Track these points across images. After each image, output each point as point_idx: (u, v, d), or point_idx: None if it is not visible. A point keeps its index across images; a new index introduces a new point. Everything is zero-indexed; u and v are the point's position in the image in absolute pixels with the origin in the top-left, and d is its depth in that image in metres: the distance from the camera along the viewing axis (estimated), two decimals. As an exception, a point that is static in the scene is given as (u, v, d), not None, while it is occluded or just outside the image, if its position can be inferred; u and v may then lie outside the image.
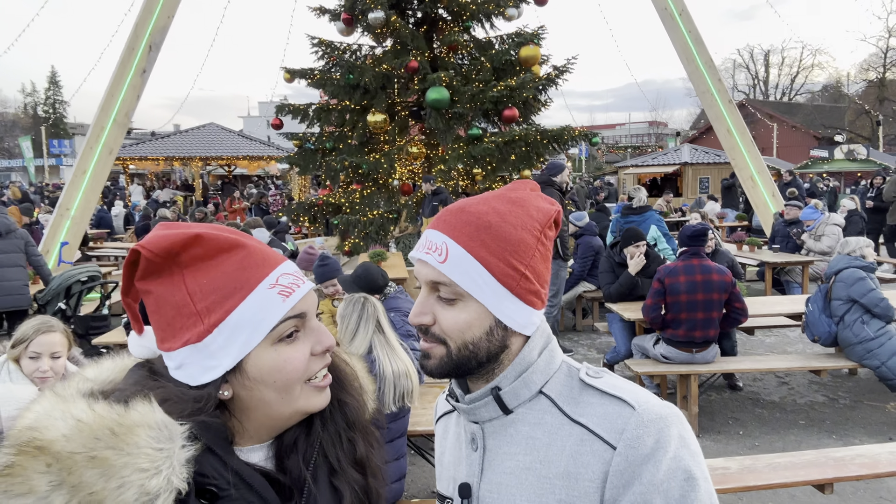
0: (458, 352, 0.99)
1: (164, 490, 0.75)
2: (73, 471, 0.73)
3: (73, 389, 0.86)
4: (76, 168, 10.29)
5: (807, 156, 28.84)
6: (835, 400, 5.73)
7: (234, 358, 0.87)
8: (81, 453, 0.74)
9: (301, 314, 0.91)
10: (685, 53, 11.90)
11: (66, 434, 0.75)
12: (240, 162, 24.66)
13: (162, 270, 0.87)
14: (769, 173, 12.14)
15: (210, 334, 0.86)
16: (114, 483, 0.73)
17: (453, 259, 0.97)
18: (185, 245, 0.86)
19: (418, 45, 11.21)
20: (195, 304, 0.86)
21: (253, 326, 0.87)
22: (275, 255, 0.94)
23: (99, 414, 0.77)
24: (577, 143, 11.90)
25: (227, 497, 0.84)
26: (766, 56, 52.15)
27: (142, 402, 0.80)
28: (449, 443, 1.15)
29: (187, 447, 0.80)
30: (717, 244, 6.68)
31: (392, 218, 11.14)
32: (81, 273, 7.13)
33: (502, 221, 0.99)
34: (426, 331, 1.00)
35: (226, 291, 0.87)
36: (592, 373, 1.02)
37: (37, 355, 2.73)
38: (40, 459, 0.73)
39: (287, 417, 0.93)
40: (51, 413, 0.78)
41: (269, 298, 0.88)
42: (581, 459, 0.93)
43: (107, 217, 16.83)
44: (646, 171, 26.97)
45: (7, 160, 46.12)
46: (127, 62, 10.33)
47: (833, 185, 22.67)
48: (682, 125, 58.70)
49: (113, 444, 0.75)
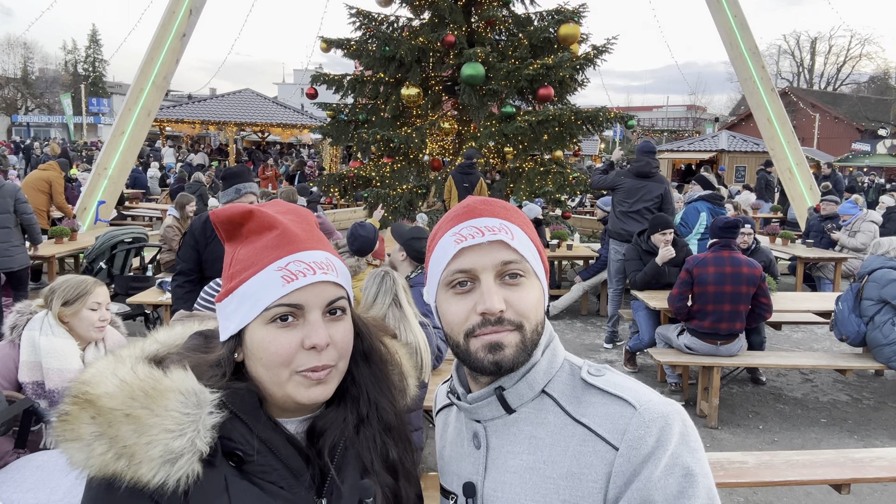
0: (532, 335, 0.99)
1: (187, 450, 0.83)
2: (112, 424, 0.82)
3: (137, 350, 0.95)
4: (115, 129, 10.47)
5: (848, 148, 28.10)
6: (858, 400, 5.66)
7: (237, 325, 0.95)
8: (119, 410, 0.83)
9: (296, 305, 0.93)
10: (729, 38, 11.60)
11: (109, 392, 0.84)
12: (273, 129, 24.85)
13: (230, 236, 0.99)
14: (808, 165, 11.87)
15: (227, 297, 0.96)
16: (144, 439, 0.82)
17: (518, 237, 1.00)
18: (242, 218, 0.97)
19: (456, 19, 11.10)
20: (230, 269, 0.97)
21: (253, 301, 0.93)
22: (301, 241, 0.97)
23: (139, 377, 0.86)
24: (612, 125, 11.74)
25: (252, 462, 0.91)
26: (812, 43, 50.60)
27: (178, 370, 0.89)
28: (449, 437, 1.15)
29: (214, 414, 0.87)
30: (757, 241, 6.55)
31: (421, 193, 11.16)
32: (126, 233, 7.19)
33: (520, 211, 1.07)
34: (499, 320, 0.97)
35: (247, 264, 0.95)
36: (594, 371, 1.02)
37: (98, 306, 2.84)
38: (87, 411, 0.83)
39: (282, 400, 0.95)
40: (103, 371, 0.87)
41: (272, 280, 0.93)
42: (584, 460, 0.94)
43: (141, 178, 17.11)
44: (681, 156, 26.47)
45: (48, 116, 47.04)
46: (167, 25, 10.41)
47: (878, 182, 21.99)
48: (721, 111, 57.45)
49: (146, 404, 0.84)
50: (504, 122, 10.80)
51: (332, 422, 1.00)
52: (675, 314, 5.27)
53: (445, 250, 1.01)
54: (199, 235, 3.96)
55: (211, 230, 3.95)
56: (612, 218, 6.94)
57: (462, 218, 1.02)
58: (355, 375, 1.05)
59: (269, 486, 0.92)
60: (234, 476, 0.89)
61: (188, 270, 3.96)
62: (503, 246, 0.99)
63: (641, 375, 6.15)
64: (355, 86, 12.01)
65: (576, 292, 8.10)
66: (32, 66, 53.45)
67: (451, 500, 1.09)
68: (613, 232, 6.88)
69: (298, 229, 0.98)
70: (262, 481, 0.91)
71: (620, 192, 6.79)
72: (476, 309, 0.97)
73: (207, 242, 3.94)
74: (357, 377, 1.05)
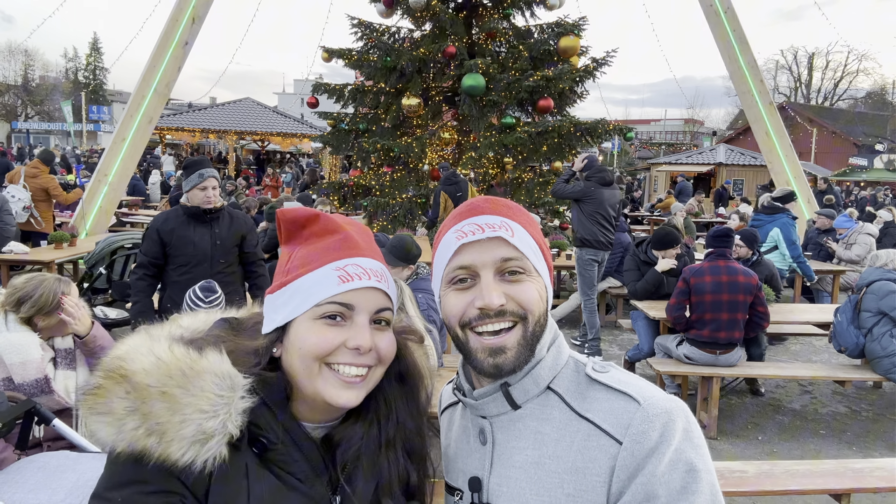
0: (534, 327, 1.01)
1: (218, 432, 0.85)
2: (146, 400, 0.84)
3: (166, 332, 0.97)
4: (115, 135, 10.48)
5: (845, 163, 28.23)
6: (857, 412, 5.66)
7: (284, 317, 0.97)
8: (155, 387, 0.84)
9: (348, 304, 0.96)
10: (728, 52, 11.69)
11: (146, 368, 0.86)
12: (273, 138, 24.89)
13: (291, 236, 1.03)
14: (806, 179, 11.92)
15: (279, 290, 0.99)
16: (177, 418, 0.84)
17: (519, 235, 1.02)
18: (307, 220, 1.02)
19: (457, 31, 11.17)
20: (287, 264, 1.01)
21: (305, 296, 0.96)
22: (361, 248, 1.01)
23: (176, 356, 0.88)
24: (610, 136, 11.79)
25: (274, 450, 0.92)
26: (810, 59, 50.95)
27: (214, 352, 0.91)
28: (454, 434, 1.16)
29: (246, 399, 0.89)
30: (759, 253, 6.57)
31: (420, 202, 11.18)
32: (126, 239, 7.18)
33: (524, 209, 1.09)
34: (500, 312, 0.99)
35: (305, 261, 0.99)
36: (599, 367, 1.04)
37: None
38: (122, 386, 0.85)
39: (311, 396, 0.96)
40: (139, 348, 0.89)
41: (328, 278, 0.96)
42: (588, 454, 0.95)
43: (140, 185, 17.11)
44: (679, 168, 26.58)
45: (47, 123, 47.06)
46: (170, 34, 10.46)
47: (863, 196, 22.03)
48: (718, 124, 57.70)
49: (182, 384, 0.86)
50: (504, 133, 10.84)
51: (349, 437, 1.01)
52: (672, 324, 5.28)
53: (448, 246, 1.04)
54: (161, 229, 4.07)
55: (172, 225, 4.08)
56: (584, 227, 6.82)
57: (465, 215, 1.04)
58: (387, 394, 1.06)
59: (287, 477, 0.93)
60: (254, 464, 0.91)
61: (148, 264, 4.08)
62: (503, 243, 1.00)
63: (640, 386, 6.14)
64: (356, 95, 12.05)
65: (574, 301, 8.10)
66: (33, 74, 53.59)
67: (456, 496, 1.09)
68: (591, 241, 6.78)
69: (359, 238, 1.02)
70: (281, 472, 0.92)
71: (593, 202, 6.78)
72: (474, 303, 0.99)
73: (171, 237, 4.08)
74: (389, 396, 1.06)
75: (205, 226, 4.11)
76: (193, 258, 4.05)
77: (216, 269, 4.09)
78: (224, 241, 4.14)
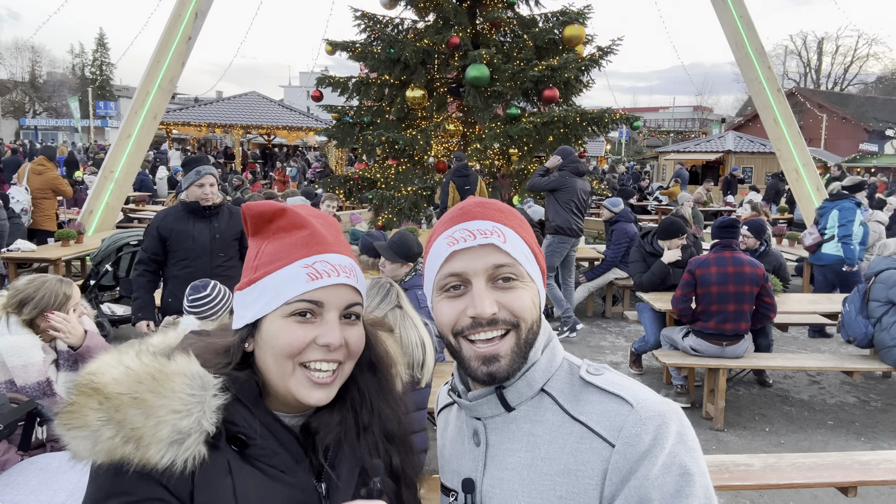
0: (527, 335, 1.00)
1: (194, 430, 0.86)
2: (120, 409, 0.84)
3: (135, 348, 0.98)
4: (121, 132, 10.51)
5: (855, 149, 27.96)
6: (866, 402, 5.62)
7: (254, 314, 0.97)
8: (127, 394, 0.85)
9: (318, 302, 0.97)
10: (735, 38, 11.55)
11: (116, 378, 0.87)
12: (279, 132, 24.92)
13: (258, 230, 1.03)
14: (815, 166, 11.80)
15: (248, 287, 0.99)
16: (152, 421, 0.84)
17: (511, 240, 1.01)
18: (274, 214, 1.01)
19: (461, 21, 11.11)
20: (255, 261, 1.01)
21: (274, 293, 0.96)
22: (329, 243, 1.01)
23: (144, 363, 0.89)
24: (617, 126, 11.71)
25: (254, 445, 0.93)
26: (819, 44, 50.37)
27: (182, 355, 0.92)
28: (449, 435, 1.16)
29: (219, 396, 0.90)
30: (767, 244, 6.51)
31: (426, 195, 11.16)
32: (132, 236, 7.20)
33: (516, 212, 1.07)
34: (493, 321, 0.97)
35: (273, 258, 0.99)
36: (593, 370, 1.03)
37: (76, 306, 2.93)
38: (94, 398, 0.85)
39: (283, 394, 0.98)
40: (108, 361, 0.90)
41: (297, 275, 0.96)
42: (581, 457, 0.94)
43: (147, 181, 17.18)
44: (688, 157, 26.40)
45: (55, 119, 47.29)
46: (173, 29, 10.45)
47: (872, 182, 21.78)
48: (727, 111, 57.25)
49: (153, 388, 0.86)
50: (509, 124, 10.79)
51: (325, 423, 1.02)
52: (678, 316, 5.25)
53: (439, 253, 1.02)
54: (161, 225, 4.16)
55: (172, 220, 4.17)
56: (559, 215, 7.19)
57: (456, 220, 1.03)
58: (360, 383, 1.07)
59: (270, 469, 0.94)
60: (237, 460, 0.92)
61: (148, 260, 4.18)
62: (495, 249, 0.99)
63: (647, 377, 6.13)
64: (360, 88, 12.03)
65: (581, 293, 8.08)
66: (40, 70, 53.84)
67: (451, 497, 1.10)
68: (565, 228, 7.16)
69: (326, 232, 1.01)
70: (263, 465, 0.94)
71: (567, 192, 7.17)
72: (467, 312, 0.98)
73: (171, 232, 4.16)
74: (362, 385, 1.07)
75: (204, 221, 4.20)
76: (193, 252, 4.14)
77: (216, 262, 4.17)
78: (223, 235, 4.23)
